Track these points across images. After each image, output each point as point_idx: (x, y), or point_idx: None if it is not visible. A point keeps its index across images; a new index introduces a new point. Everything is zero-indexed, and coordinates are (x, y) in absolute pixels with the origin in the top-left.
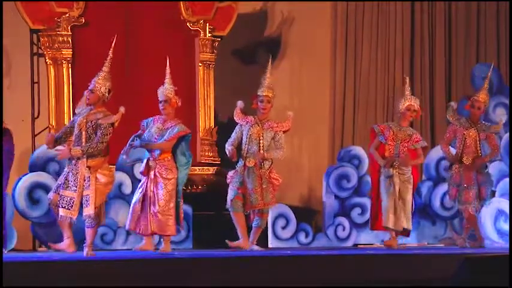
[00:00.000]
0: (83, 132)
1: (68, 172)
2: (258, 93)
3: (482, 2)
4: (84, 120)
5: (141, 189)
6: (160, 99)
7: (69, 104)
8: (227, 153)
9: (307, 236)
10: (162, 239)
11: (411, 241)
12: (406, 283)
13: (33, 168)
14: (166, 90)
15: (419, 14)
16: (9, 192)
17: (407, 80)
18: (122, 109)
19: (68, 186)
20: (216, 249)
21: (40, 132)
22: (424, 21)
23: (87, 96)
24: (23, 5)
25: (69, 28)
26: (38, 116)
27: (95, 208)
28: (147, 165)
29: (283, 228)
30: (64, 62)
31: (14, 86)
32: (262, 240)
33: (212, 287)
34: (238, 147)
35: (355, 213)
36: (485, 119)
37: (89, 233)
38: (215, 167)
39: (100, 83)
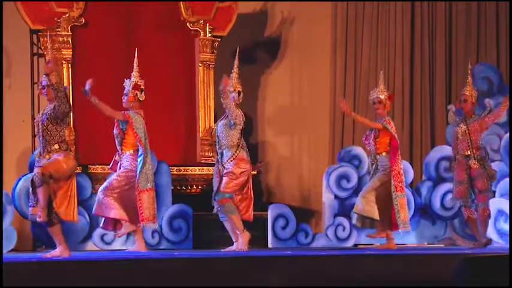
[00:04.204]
0: (40, 128)
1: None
2: None
3: (482, 2)
4: (39, 115)
5: None
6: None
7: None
8: None
9: (307, 236)
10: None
11: (411, 241)
12: (406, 283)
13: (33, 168)
14: (127, 83)
15: (419, 14)
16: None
17: (381, 74)
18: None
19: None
20: (216, 249)
21: None
22: (424, 21)
23: (44, 94)
24: (23, 5)
25: (69, 28)
26: None
27: (43, 167)
28: (114, 160)
29: (283, 228)
30: (64, 62)
31: (14, 86)
32: (262, 240)
33: (212, 287)
34: None
35: None
36: None
37: (40, 194)
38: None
39: (52, 74)
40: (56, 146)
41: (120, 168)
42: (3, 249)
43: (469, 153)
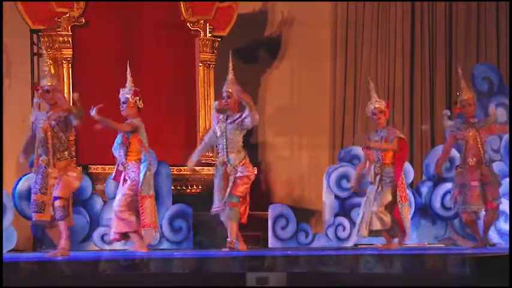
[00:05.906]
0: (48, 134)
1: (37, 176)
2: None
3: (482, 2)
4: (47, 122)
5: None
6: (121, 100)
7: (69, 104)
8: None
9: (307, 236)
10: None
11: (411, 241)
12: (406, 283)
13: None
14: (124, 91)
15: (419, 14)
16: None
17: (370, 82)
18: (76, 95)
19: (38, 190)
20: (216, 249)
21: None
22: (424, 21)
23: (44, 98)
24: (23, 5)
25: (69, 28)
26: None
27: (61, 198)
28: (118, 170)
29: (283, 228)
30: (64, 62)
31: (14, 86)
32: (262, 241)
33: (212, 286)
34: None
35: (355, 213)
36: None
37: (62, 226)
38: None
39: (52, 80)
40: (66, 153)
41: (127, 179)
42: (3, 249)
43: (480, 158)
